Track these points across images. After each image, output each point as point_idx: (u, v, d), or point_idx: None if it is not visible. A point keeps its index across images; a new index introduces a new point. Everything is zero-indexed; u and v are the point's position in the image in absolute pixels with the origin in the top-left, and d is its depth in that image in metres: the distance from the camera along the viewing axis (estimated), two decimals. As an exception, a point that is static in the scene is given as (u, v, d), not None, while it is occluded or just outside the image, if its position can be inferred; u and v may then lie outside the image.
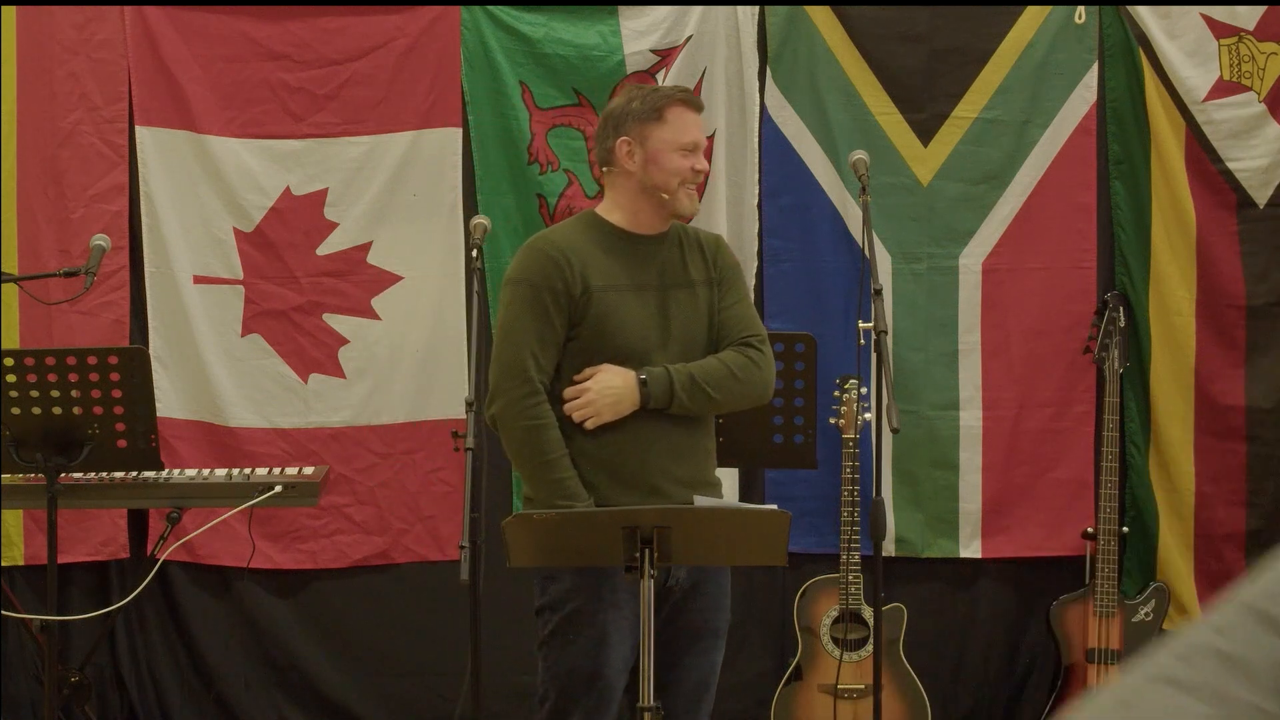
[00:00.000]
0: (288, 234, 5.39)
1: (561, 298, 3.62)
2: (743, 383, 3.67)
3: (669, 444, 3.63)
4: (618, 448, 3.61)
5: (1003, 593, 5.60)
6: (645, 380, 3.58)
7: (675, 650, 3.66)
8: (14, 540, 5.28)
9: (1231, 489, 5.48)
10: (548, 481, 3.60)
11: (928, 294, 5.49)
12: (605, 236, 3.71)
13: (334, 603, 5.51)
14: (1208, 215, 5.42)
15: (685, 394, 3.59)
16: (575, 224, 3.82)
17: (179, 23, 5.32)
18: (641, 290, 3.67)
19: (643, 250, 3.71)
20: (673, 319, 3.68)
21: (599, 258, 3.67)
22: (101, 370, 4.12)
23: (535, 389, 3.60)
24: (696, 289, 3.72)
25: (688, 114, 3.72)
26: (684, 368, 3.62)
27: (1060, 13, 5.43)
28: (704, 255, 3.76)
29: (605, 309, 3.63)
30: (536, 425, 3.59)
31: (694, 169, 3.71)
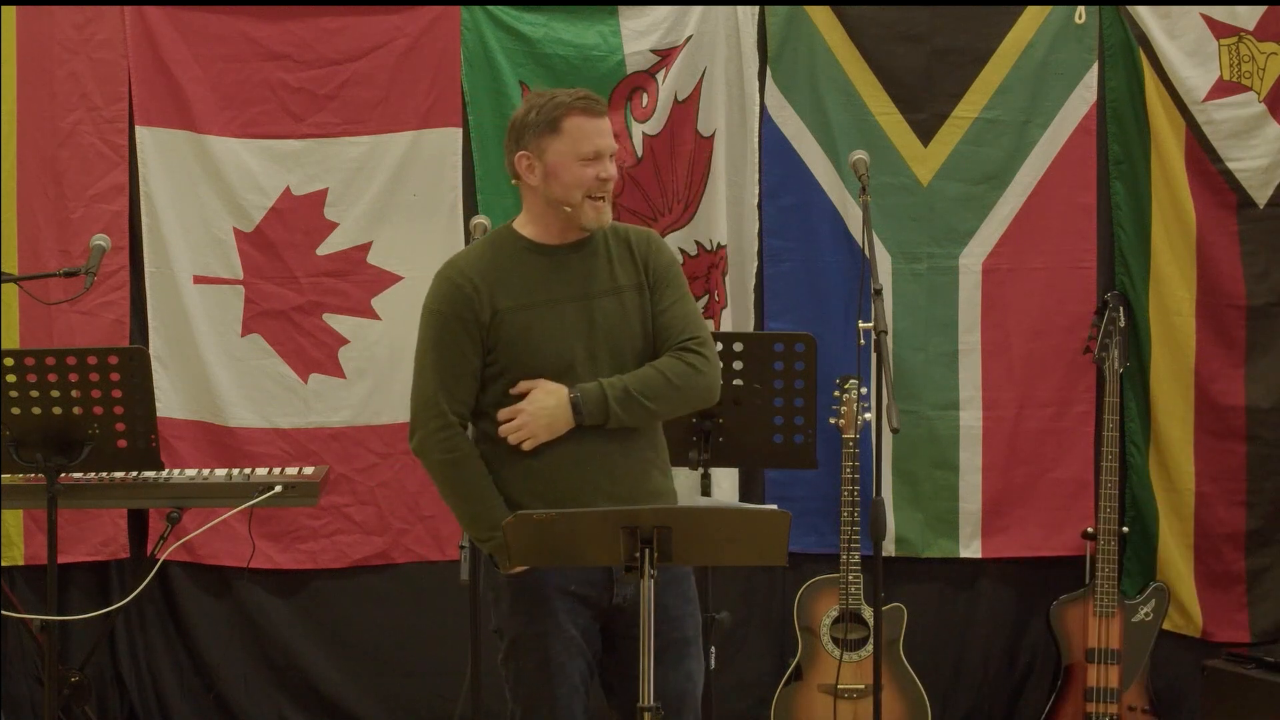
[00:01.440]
0: (288, 234, 5.39)
1: (470, 326, 3.57)
2: (681, 390, 3.56)
3: (603, 461, 3.55)
4: (550, 468, 3.56)
5: (1003, 593, 5.60)
6: (577, 397, 3.51)
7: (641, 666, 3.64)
8: (14, 540, 5.28)
9: (1231, 489, 5.48)
10: (466, 515, 3.61)
11: (928, 294, 5.49)
12: (519, 252, 3.64)
13: (334, 603, 5.51)
14: (1208, 215, 5.42)
15: (620, 408, 3.51)
16: (487, 243, 3.72)
17: (179, 23, 5.32)
18: (558, 304, 3.58)
19: (560, 261, 3.61)
20: (597, 329, 3.58)
21: (511, 276, 3.60)
22: (101, 370, 4.12)
23: (447, 422, 3.57)
24: (624, 295, 3.60)
25: (586, 122, 3.58)
26: (618, 380, 3.53)
27: (1060, 13, 5.44)
28: (633, 257, 3.63)
29: (517, 330, 3.56)
30: (451, 460, 3.58)
31: (598, 178, 3.57)
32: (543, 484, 3.56)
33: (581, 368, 3.55)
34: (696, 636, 3.72)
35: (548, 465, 3.56)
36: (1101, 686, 5.19)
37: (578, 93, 3.63)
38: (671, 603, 3.61)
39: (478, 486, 3.56)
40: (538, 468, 3.56)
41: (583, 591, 3.58)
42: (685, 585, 3.69)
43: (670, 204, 5.42)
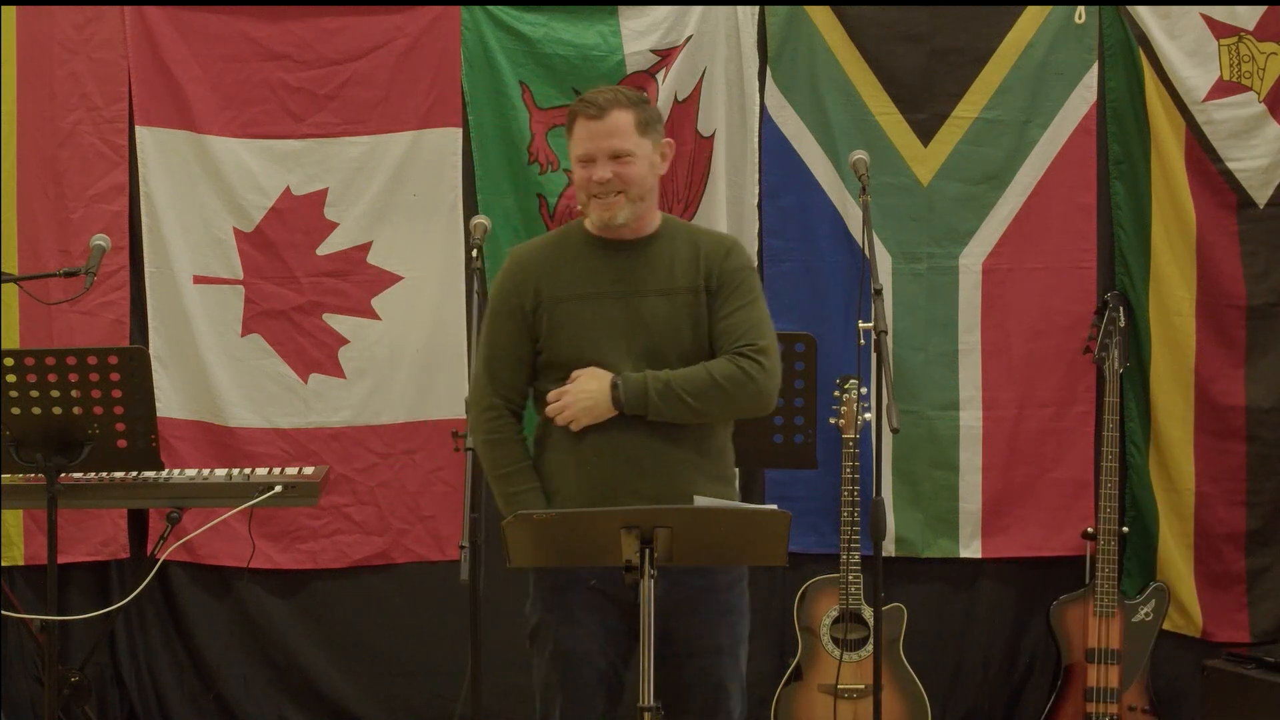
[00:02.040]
0: (288, 234, 5.39)
1: (516, 312, 3.65)
2: (727, 392, 3.55)
3: (633, 456, 3.57)
4: (583, 457, 3.60)
5: (1003, 593, 5.61)
6: (617, 384, 3.54)
7: (672, 666, 3.65)
8: (14, 540, 5.28)
9: (1231, 489, 5.48)
10: (503, 495, 3.68)
11: (928, 294, 5.49)
12: (578, 245, 3.68)
13: (334, 603, 5.51)
14: (1208, 215, 5.42)
15: (660, 400, 3.52)
16: (556, 232, 3.80)
17: (179, 23, 5.32)
18: (600, 298, 3.61)
19: (615, 257, 3.64)
20: (639, 327, 3.60)
21: (564, 267, 3.64)
22: (101, 370, 4.12)
23: (492, 404, 3.67)
24: (677, 296, 3.61)
25: (581, 125, 3.62)
26: (662, 374, 3.55)
27: (1060, 13, 5.44)
28: (700, 261, 3.64)
29: (558, 320, 3.61)
30: (491, 440, 3.67)
31: (592, 179, 3.60)
32: (573, 472, 3.61)
33: (616, 363, 3.57)
34: (734, 646, 3.70)
35: (581, 454, 3.60)
36: (1101, 686, 5.19)
37: (588, 94, 3.67)
38: (711, 606, 3.62)
39: (513, 470, 3.64)
40: (572, 456, 3.61)
41: (605, 588, 3.59)
42: (727, 595, 3.68)
43: (670, 204, 5.42)
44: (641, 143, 3.62)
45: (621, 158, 3.60)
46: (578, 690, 3.66)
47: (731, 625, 3.69)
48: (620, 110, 3.61)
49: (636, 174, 3.61)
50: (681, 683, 3.66)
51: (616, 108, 3.61)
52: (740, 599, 3.73)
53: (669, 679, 3.65)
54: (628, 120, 3.60)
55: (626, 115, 3.61)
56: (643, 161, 3.62)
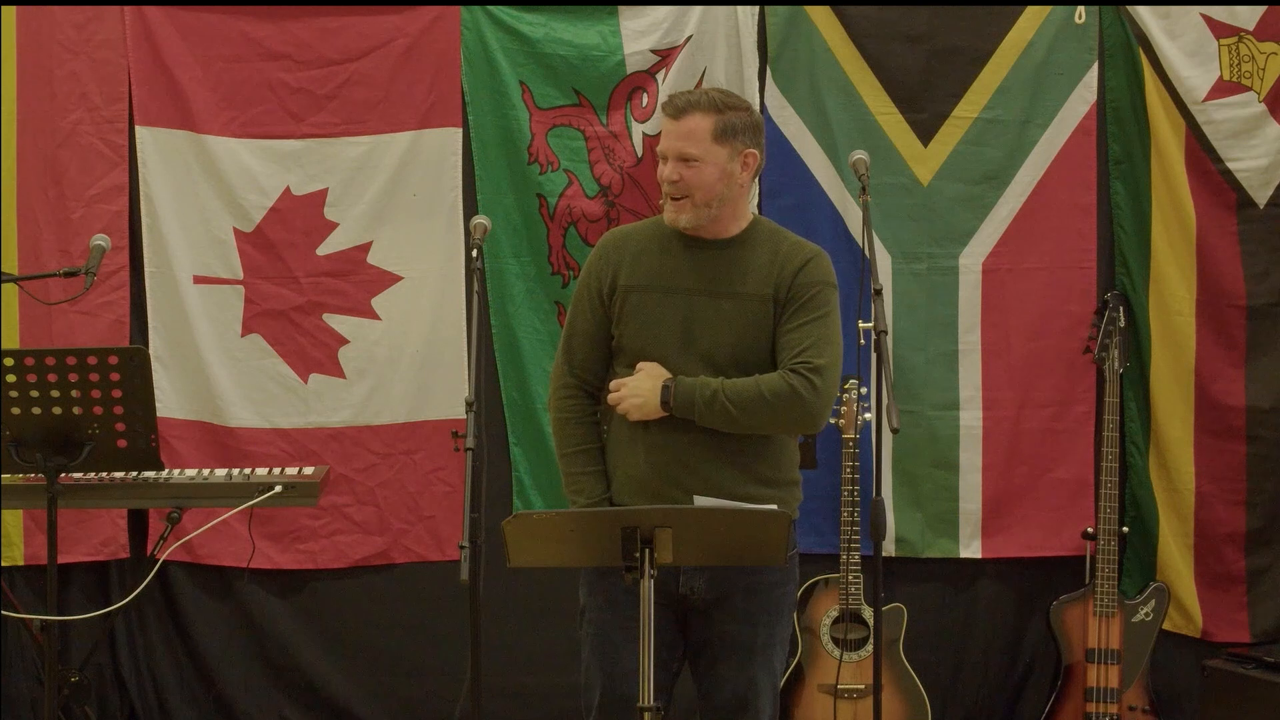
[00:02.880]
0: (288, 234, 5.39)
1: (594, 293, 3.71)
2: (775, 408, 3.54)
3: (683, 453, 3.59)
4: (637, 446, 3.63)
5: (1003, 593, 5.60)
6: (668, 386, 3.57)
7: (706, 661, 3.66)
8: (14, 540, 5.28)
9: (1231, 489, 5.48)
10: (564, 474, 3.76)
11: (928, 294, 5.49)
12: (664, 238, 3.69)
13: (334, 603, 5.51)
14: (1208, 215, 5.42)
15: (706, 408, 3.55)
16: (651, 221, 3.81)
17: (179, 23, 5.32)
18: (670, 294, 3.63)
19: (696, 254, 3.65)
20: (697, 326, 3.61)
21: (647, 256, 3.67)
22: (101, 370, 4.11)
23: (566, 383, 3.75)
24: (746, 301, 3.62)
25: (664, 122, 3.66)
26: (714, 382, 3.56)
27: (1060, 13, 5.44)
28: (778, 270, 3.63)
29: (629, 308, 3.65)
30: (560, 419, 3.75)
31: (663, 179, 3.65)
32: (628, 458, 3.65)
33: (674, 360, 3.59)
34: (768, 646, 3.71)
35: (635, 446, 3.63)
36: (1101, 686, 5.19)
37: (679, 92, 3.70)
38: (748, 605, 3.63)
39: (576, 451, 3.71)
40: (628, 445, 3.65)
41: None
42: (769, 595, 3.69)
43: (670, 204, 5.42)
44: (714, 149, 3.60)
45: (689, 161, 3.60)
46: (617, 678, 3.68)
47: (770, 625, 3.70)
48: (699, 114, 3.60)
49: (702, 180, 3.60)
50: (714, 678, 3.67)
51: (696, 111, 3.60)
52: (783, 600, 3.75)
53: (703, 674, 3.66)
54: (704, 125, 3.59)
55: (704, 120, 3.60)
56: (711, 168, 3.61)
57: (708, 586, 3.59)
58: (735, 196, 3.67)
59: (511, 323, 5.43)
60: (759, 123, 3.75)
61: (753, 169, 3.70)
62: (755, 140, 3.69)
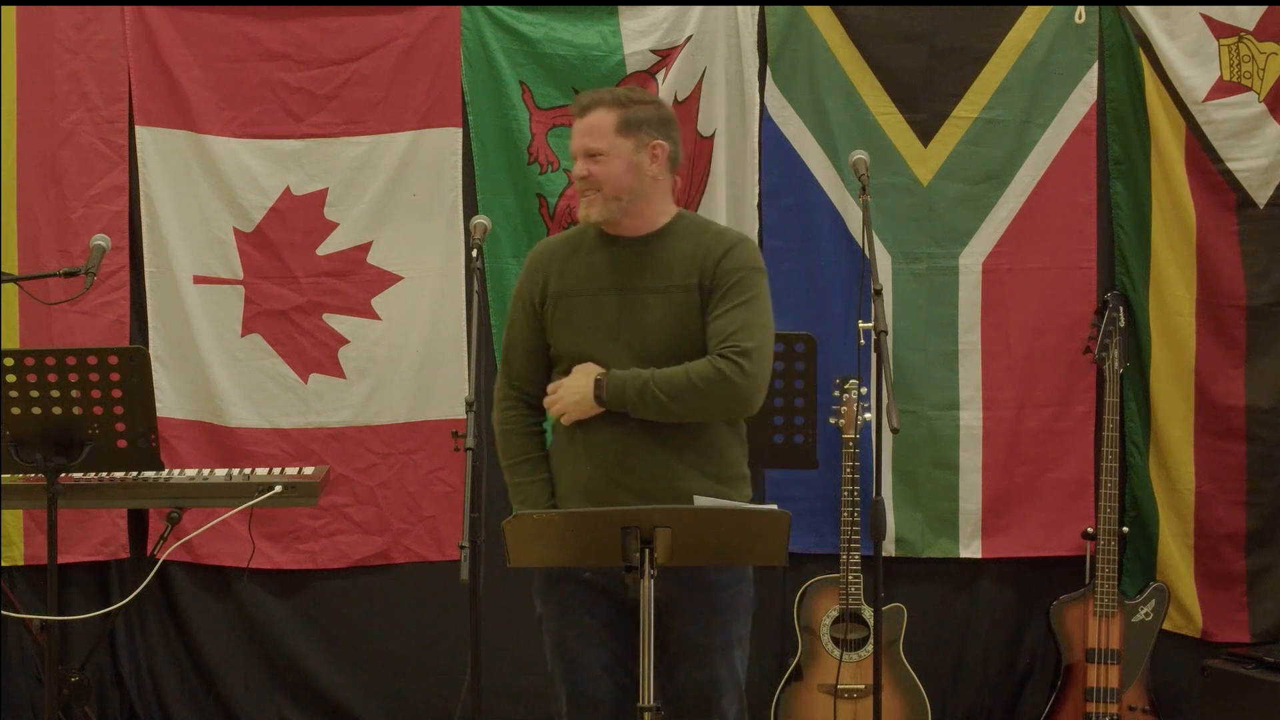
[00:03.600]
0: (288, 234, 5.39)
1: (527, 304, 3.73)
2: (705, 394, 3.52)
3: (620, 452, 3.58)
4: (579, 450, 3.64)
5: (1003, 593, 5.60)
6: (600, 381, 3.57)
7: (666, 664, 3.65)
8: (14, 540, 5.28)
9: (1231, 489, 5.48)
10: (509, 485, 3.77)
11: (928, 294, 5.49)
12: (590, 240, 3.71)
13: (334, 603, 5.51)
14: (1208, 215, 5.42)
15: (638, 399, 3.53)
16: (577, 228, 3.81)
17: (179, 23, 5.32)
18: (598, 294, 3.63)
19: (619, 252, 3.66)
20: (627, 323, 3.61)
21: (573, 262, 3.68)
22: (101, 370, 4.11)
23: (505, 395, 3.77)
24: (672, 294, 3.60)
25: (574, 124, 3.69)
26: (645, 373, 3.55)
27: (1060, 13, 5.44)
28: (701, 259, 3.62)
29: (559, 314, 3.66)
30: (502, 431, 3.77)
31: (574, 176, 3.68)
32: (570, 465, 3.66)
33: (611, 359, 3.59)
34: (728, 646, 3.70)
35: (575, 449, 3.64)
36: (1101, 686, 5.19)
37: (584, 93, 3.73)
38: (702, 606, 3.62)
39: (518, 461, 3.72)
40: (569, 450, 3.65)
41: (598, 582, 3.60)
42: (720, 595, 3.67)
43: (670, 204, 5.42)
44: (619, 142, 3.62)
45: (595, 156, 3.62)
46: (581, 683, 3.69)
47: (725, 625, 3.68)
48: (602, 109, 3.63)
49: (609, 174, 3.62)
50: (676, 682, 3.67)
51: (600, 107, 3.64)
52: (736, 598, 3.73)
53: (664, 678, 3.66)
54: (607, 120, 3.62)
55: (607, 115, 3.63)
56: (617, 161, 3.61)
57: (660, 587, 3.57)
58: (648, 190, 3.66)
59: (511, 323, 5.43)
60: (668, 116, 3.73)
61: (663, 161, 3.67)
62: (664, 133, 3.68)
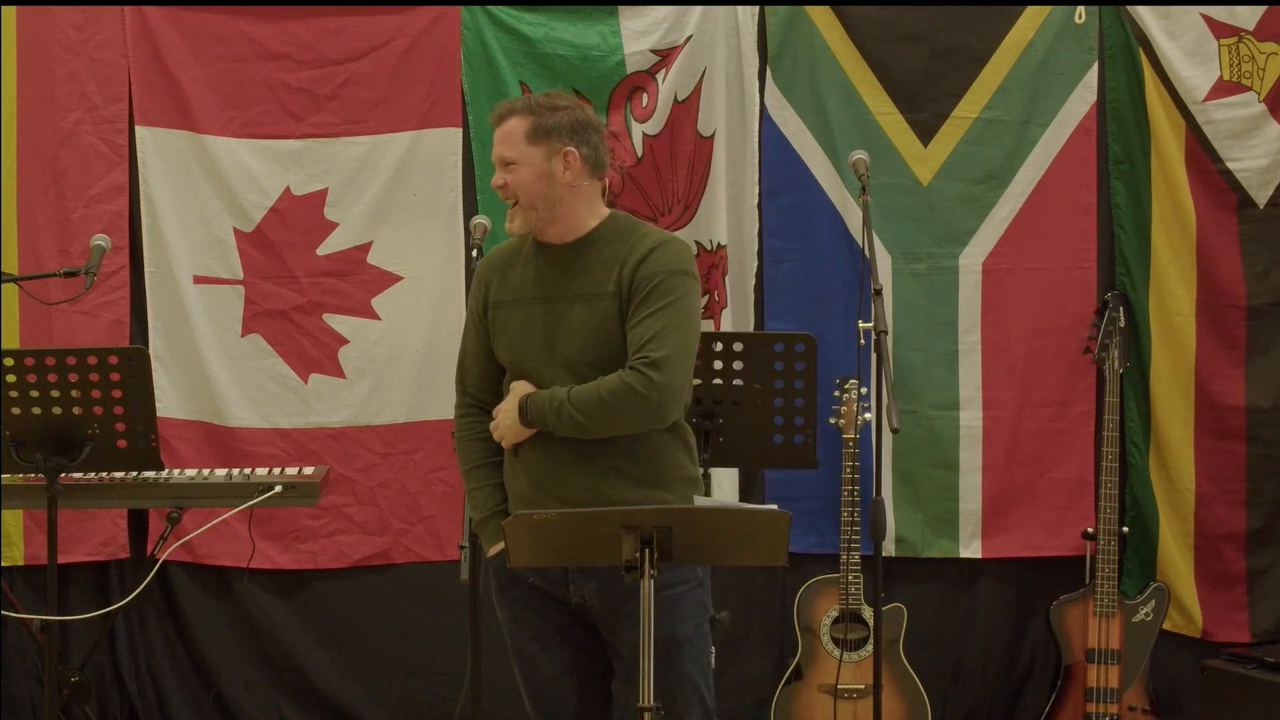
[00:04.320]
0: (288, 234, 5.39)
1: (475, 314, 3.72)
2: (615, 409, 3.45)
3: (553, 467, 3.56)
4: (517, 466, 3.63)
5: (1003, 593, 5.60)
6: (524, 401, 3.54)
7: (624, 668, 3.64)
8: (14, 540, 5.28)
9: (1231, 489, 5.48)
10: (465, 489, 3.77)
11: (928, 294, 5.49)
12: (529, 249, 3.66)
13: (334, 603, 5.51)
14: (1208, 215, 5.42)
15: (554, 416, 3.49)
16: (523, 236, 3.71)
17: (179, 23, 5.32)
18: (530, 303, 3.60)
19: (553, 261, 3.61)
20: (556, 333, 3.56)
21: (510, 271, 3.65)
22: (101, 370, 4.12)
23: (461, 402, 3.76)
24: (595, 301, 3.54)
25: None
26: (561, 392, 3.50)
27: (1060, 13, 5.44)
28: (619, 265, 3.54)
29: (497, 325, 3.65)
30: (459, 438, 3.76)
31: (493, 186, 3.63)
32: (512, 479, 3.66)
33: (542, 370, 3.57)
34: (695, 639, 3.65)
35: (517, 465, 3.64)
36: (1101, 686, 5.19)
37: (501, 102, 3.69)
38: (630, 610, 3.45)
39: (471, 468, 3.71)
40: (512, 461, 3.65)
41: (542, 585, 3.61)
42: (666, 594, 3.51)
43: (670, 204, 5.42)
44: (528, 150, 3.54)
45: (508, 165, 3.57)
46: (541, 685, 3.71)
47: (671, 626, 3.57)
48: (515, 118, 3.57)
49: (521, 182, 3.55)
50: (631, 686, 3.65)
51: (512, 116, 3.58)
52: (678, 601, 3.60)
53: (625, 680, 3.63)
54: (519, 128, 3.56)
55: (519, 123, 3.56)
56: (527, 170, 3.54)
57: (598, 594, 3.54)
58: (564, 196, 3.57)
59: (511, 323, 5.43)
60: (584, 120, 3.62)
61: (577, 167, 3.57)
62: (578, 138, 3.58)
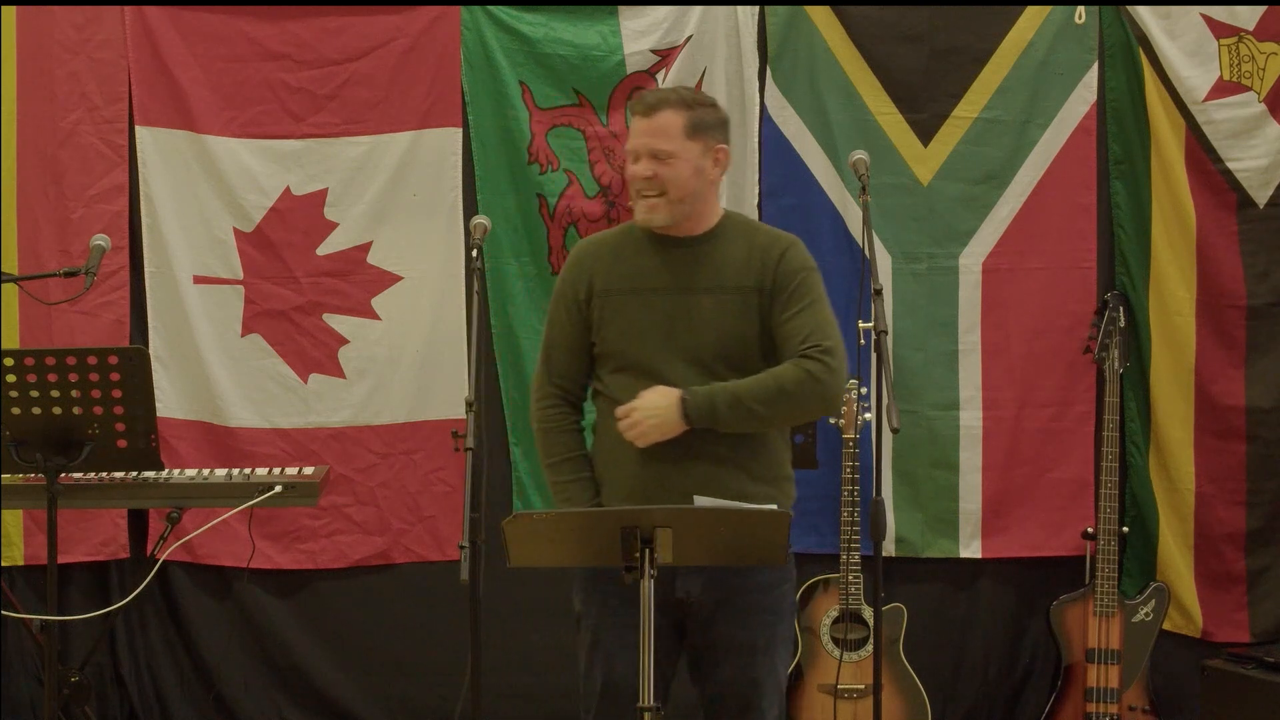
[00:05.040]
0: (288, 234, 5.39)
1: (571, 302, 3.69)
2: (796, 398, 3.54)
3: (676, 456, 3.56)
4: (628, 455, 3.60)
5: (1003, 593, 5.60)
6: (686, 400, 3.54)
7: (707, 665, 3.65)
8: (14, 540, 5.28)
9: (1231, 489, 5.48)
10: (551, 483, 3.75)
11: (928, 294, 5.49)
12: (638, 240, 3.68)
13: (334, 603, 5.51)
14: (1208, 215, 5.42)
15: (729, 412, 3.52)
16: (621, 227, 3.80)
17: (179, 23, 5.32)
18: (652, 294, 3.61)
19: (671, 253, 3.64)
20: (679, 324, 3.59)
21: (621, 261, 3.65)
22: (101, 370, 4.11)
23: (547, 393, 3.74)
24: (730, 295, 3.60)
25: (634, 121, 3.67)
26: (729, 386, 3.53)
27: (1060, 13, 5.44)
28: (757, 261, 3.63)
29: (605, 313, 3.63)
30: (543, 429, 3.74)
31: (636, 176, 3.64)
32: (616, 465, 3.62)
33: (649, 359, 3.57)
34: (770, 647, 3.69)
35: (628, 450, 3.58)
36: (1101, 686, 5.19)
37: (647, 91, 3.71)
38: (746, 605, 3.61)
39: (561, 460, 3.70)
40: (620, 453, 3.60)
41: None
42: (766, 596, 3.66)
43: (670, 204, 5.42)
44: (687, 145, 3.62)
45: (663, 158, 3.60)
46: (615, 682, 3.66)
47: (769, 625, 3.68)
48: (670, 110, 3.61)
49: (677, 176, 3.61)
50: (717, 681, 3.66)
51: (667, 108, 3.62)
52: (782, 601, 3.72)
53: (705, 678, 3.66)
54: (674, 122, 3.60)
55: (676, 116, 3.61)
56: (685, 164, 3.61)
57: (704, 589, 3.57)
58: (707, 193, 3.67)
59: (511, 323, 5.43)
60: (727, 119, 3.77)
61: (724, 165, 3.71)
62: (726, 136, 3.72)
